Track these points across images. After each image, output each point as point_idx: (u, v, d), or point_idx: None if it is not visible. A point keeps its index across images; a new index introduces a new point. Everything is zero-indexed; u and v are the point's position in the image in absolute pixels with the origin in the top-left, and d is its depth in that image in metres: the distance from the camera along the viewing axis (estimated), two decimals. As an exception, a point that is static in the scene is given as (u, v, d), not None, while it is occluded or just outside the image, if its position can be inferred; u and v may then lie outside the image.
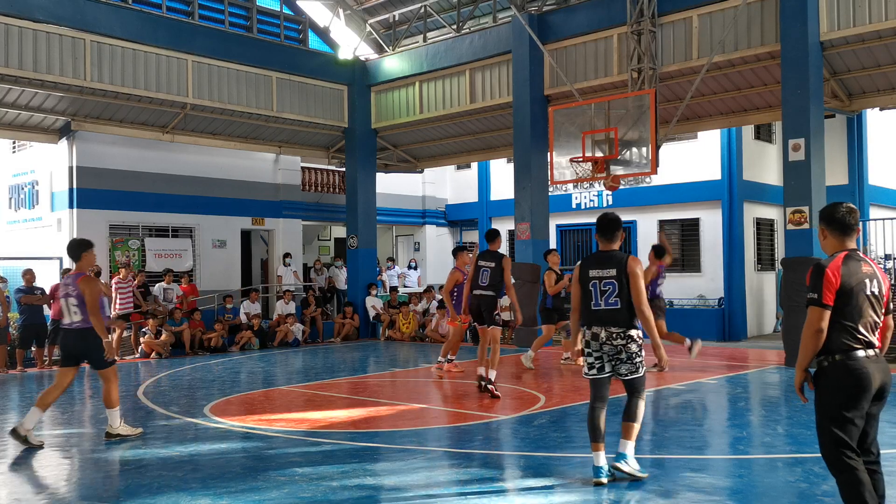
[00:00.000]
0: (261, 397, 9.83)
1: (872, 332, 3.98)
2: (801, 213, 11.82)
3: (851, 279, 3.93)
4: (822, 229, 4.13)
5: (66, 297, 7.21)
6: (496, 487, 5.48)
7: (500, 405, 8.83)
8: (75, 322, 7.19)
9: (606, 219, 5.61)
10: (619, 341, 5.37)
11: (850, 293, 3.91)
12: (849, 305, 3.92)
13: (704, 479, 5.63)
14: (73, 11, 13.93)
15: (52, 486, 5.91)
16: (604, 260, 5.49)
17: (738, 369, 11.51)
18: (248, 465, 6.25)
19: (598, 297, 5.42)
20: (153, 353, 14.51)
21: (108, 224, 16.53)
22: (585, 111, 13.39)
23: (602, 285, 5.41)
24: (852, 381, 3.91)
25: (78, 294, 7.11)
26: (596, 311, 5.43)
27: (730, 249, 17.17)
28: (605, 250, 5.57)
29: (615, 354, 5.41)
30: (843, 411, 3.92)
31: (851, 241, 4.08)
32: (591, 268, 5.49)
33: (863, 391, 3.91)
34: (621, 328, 5.37)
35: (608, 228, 5.58)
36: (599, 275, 5.44)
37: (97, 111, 15.33)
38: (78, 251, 7.37)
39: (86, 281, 7.18)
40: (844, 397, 3.93)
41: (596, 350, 5.45)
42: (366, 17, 18.71)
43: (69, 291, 7.19)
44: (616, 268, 5.40)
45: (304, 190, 20.66)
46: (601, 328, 5.42)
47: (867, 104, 14.42)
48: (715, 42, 12.90)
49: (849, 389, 3.92)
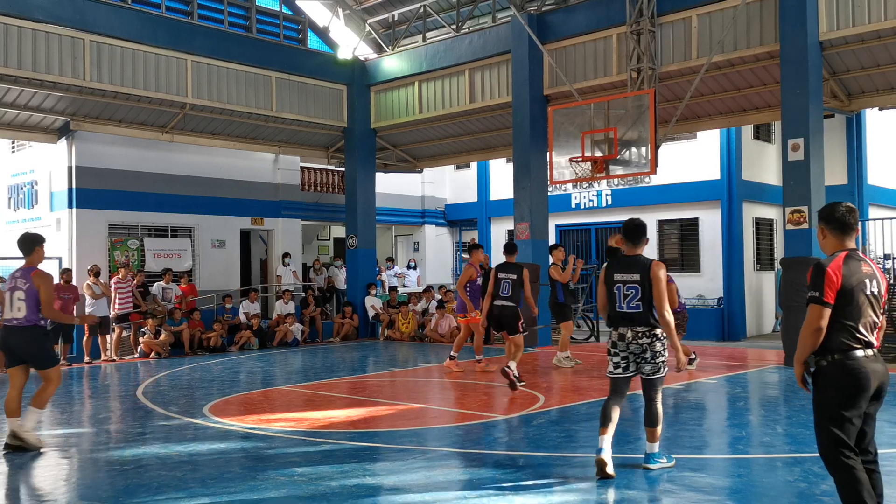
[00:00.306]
0: (260, 397, 9.83)
1: (871, 331, 4.00)
2: (800, 212, 11.82)
3: (852, 279, 3.94)
4: (822, 228, 4.14)
5: (12, 291, 6.88)
6: (496, 487, 5.48)
7: (499, 405, 8.83)
8: (15, 319, 6.87)
9: (633, 224, 5.76)
10: (644, 340, 5.55)
11: (851, 293, 3.93)
12: (850, 305, 3.93)
13: (704, 478, 5.63)
14: (72, 11, 13.92)
15: (51, 486, 5.90)
16: (628, 264, 5.66)
17: (737, 369, 11.51)
18: (247, 465, 6.25)
19: (622, 299, 5.60)
20: (152, 353, 14.51)
21: (108, 224, 16.52)
22: (585, 111, 13.39)
23: (625, 289, 5.59)
24: (851, 380, 3.92)
25: (29, 288, 6.81)
26: (621, 313, 5.62)
27: (729, 249, 17.18)
28: (630, 255, 5.72)
29: (641, 353, 5.58)
30: (842, 410, 3.93)
31: (851, 241, 4.09)
32: (616, 271, 5.66)
33: (861, 391, 3.93)
34: (646, 327, 5.55)
35: (634, 234, 5.73)
36: (623, 279, 5.61)
37: (96, 111, 15.32)
38: (31, 245, 7.06)
39: (39, 275, 6.90)
40: (843, 397, 3.94)
41: (623, 350, 5.62)
42: (365, 16, 18.71)
43: (17, 285, 6.87)
44: (640, 272, 5.56)
45: (304, 190, 20.66)
46: (627, 328, 5.59)
47: (866, 104, 14.42)
48: (714, 42, 12.90)
49: (847, 389, 3.93)
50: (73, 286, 14.04)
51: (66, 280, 13.87)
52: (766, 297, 18.09)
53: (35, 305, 6.84)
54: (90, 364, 13.89)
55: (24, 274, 6.93)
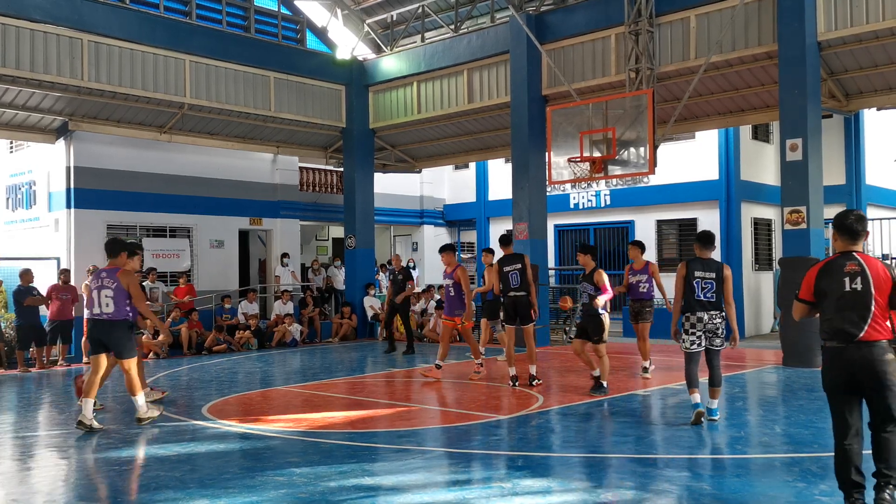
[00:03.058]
0: (259, 397, 9.82)
1: (854, 324, 4.46)
2: (798, 212, 11.83)
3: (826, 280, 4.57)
4: (834, 233, 4.71)
5: (99, 290, 7.82)
6: (495, 487, 5.48)
7: (498, 406, 8.83)
8: (105, 313, 7.81)
9: (706, 233, 7.50)
10: (717, 321, 7.28)
11: (824, 293, 4.57)
12: (825, 301, 4.57)
13: (702, 478, 5.64)
14: (70, 11, 13.91)
15: (50, 487, 5.90)
16: (706, 265, 7.36)
17: (735, 369, 11.51)
18: (245, 465, 6.25)
19: (700, 291, 7.27)
20: (151, 353, 14.49)
21: (106, 224, 16.49)
22: (583, 111, 13.40)
23: (703, 283, 7.28)
24: (826, 365, 4.60)
25: (117, 287, 7.79)
26: (699, 301, 7.25)
27: (727, 249, 17.18)
28: (705, 258, 7.39)
29: (714, 331, 7.27)
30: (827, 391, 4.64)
31: (859, 245, 4.63)
32: (696, 269, 7.32)
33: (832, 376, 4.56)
34: (718, 311, 7.28)
35: (709, 241, 7.45)
36: (703, 275, 7.28)
37: (94, 111, 15.31)
38: (117, 249, 8.16)
39: (126, 274, 7.93)
40: (826, 379, 4.63)
41: (700, 329, 7.28)
42: (364, 17, 18.70)
43: (105, 284, 7.82)
44: (715, 272, 7.28)
45: (302, 190, 20.64)
46: (704, 312, 7.25)
47: (864, 104, 14.43)
48: (712, 42, 12.91)
49: (826, 373, 4.61)
50: (72, 286, 14.03)
51: (63, 280, 13.86)
52: (764, 297, 18.10)
53: (123, 302, 7.80)
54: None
55: (109, 274, 7.88)
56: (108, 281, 7.86)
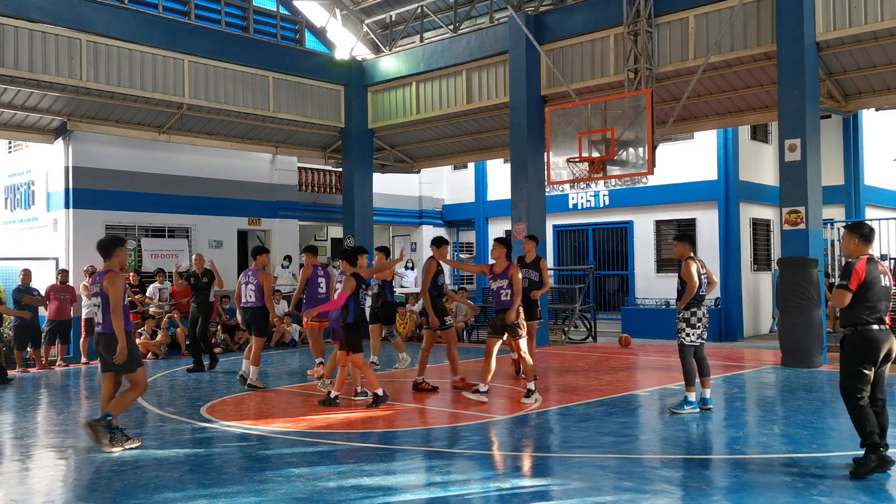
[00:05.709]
0: (257, 398, 9.81)
1: (885, 312, 5.63)
2: (797, 213, 11.84)
3: (871, 274, 5.63)
4: (855, 239, 5.80)
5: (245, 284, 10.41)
6: (493, 488, 5.48)
7: (497, 406, 8.82)
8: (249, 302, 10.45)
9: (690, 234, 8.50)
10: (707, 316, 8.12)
11: (871, 283, 5.61)
12: (869, 291, 5.60)
13: (701, 478, 5.64)
14: (69, 11, 13.90)
15: (49, 487, 5.89)
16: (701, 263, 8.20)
17: (734, 369, 11.52)
18: (244, 465, 6.25)
19: (704, 287, 8.05)
20: (149, 353, 14.48)
21: (105, 224, 16.48)
22: (582, 111, 13.40)
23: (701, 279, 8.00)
24: (867, 345, 5.57)
25: (257, 284, 10.33)
26: (703, 296, 8.00)
27: (726, 249, 17.20)
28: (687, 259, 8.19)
29: (706, 324, 8.05)
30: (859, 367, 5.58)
31: (870, 249, 5.82)
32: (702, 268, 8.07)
33: (874, 352, 5.58)
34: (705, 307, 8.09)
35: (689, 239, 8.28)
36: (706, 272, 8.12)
37: (93, 111, 15.30)
38: (256, 252, 10.79)
39: (263, 275, 10.39)
40: (860, 356, 5.59)
41: (707, 323, 8.04)
42: (362, 17, 18.70)
43: (249, 280, 10.47)
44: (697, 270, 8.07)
45: (301, 190, 20.64)
46: (706, 308, 8.06)
47: (863, 105, 14.44)
48: (711, 42, 12.92)
49: (864, 351, 5.57)
50: (70, 287, 14.02)
51: (62, 280, 13.85)
52: (763, 298, 18.12)
53: (260, 294, 10.33)
54: (87, 365, 13.86)
55: (254, 273, 10.44)
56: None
